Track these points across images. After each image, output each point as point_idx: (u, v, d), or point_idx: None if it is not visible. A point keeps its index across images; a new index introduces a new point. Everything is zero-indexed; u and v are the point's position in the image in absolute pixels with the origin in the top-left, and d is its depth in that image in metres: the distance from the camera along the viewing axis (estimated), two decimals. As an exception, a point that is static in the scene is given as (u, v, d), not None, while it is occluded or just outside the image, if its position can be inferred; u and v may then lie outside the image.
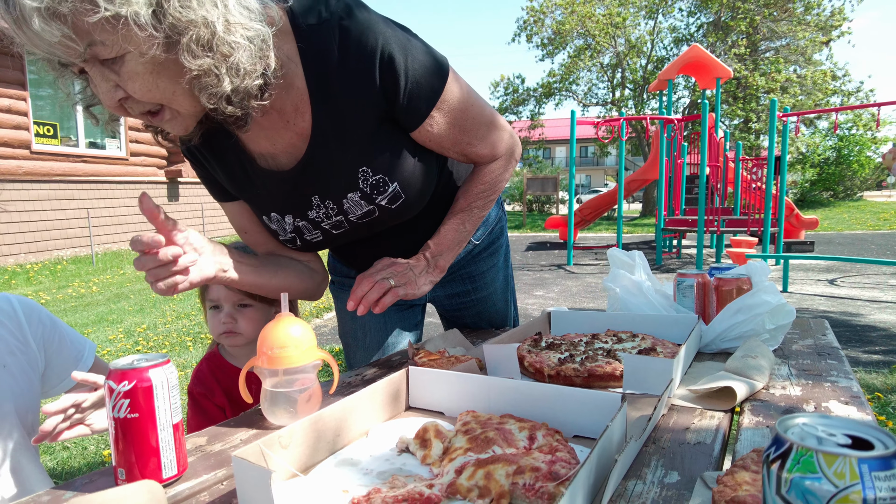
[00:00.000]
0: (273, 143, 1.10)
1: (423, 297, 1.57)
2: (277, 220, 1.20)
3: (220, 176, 1.20)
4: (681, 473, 0.71)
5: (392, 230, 1.28)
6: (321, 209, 1.16)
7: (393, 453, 0.79)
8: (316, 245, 1.26)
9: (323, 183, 1.13)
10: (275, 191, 1.15)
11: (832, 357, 1.18)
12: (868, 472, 0.38)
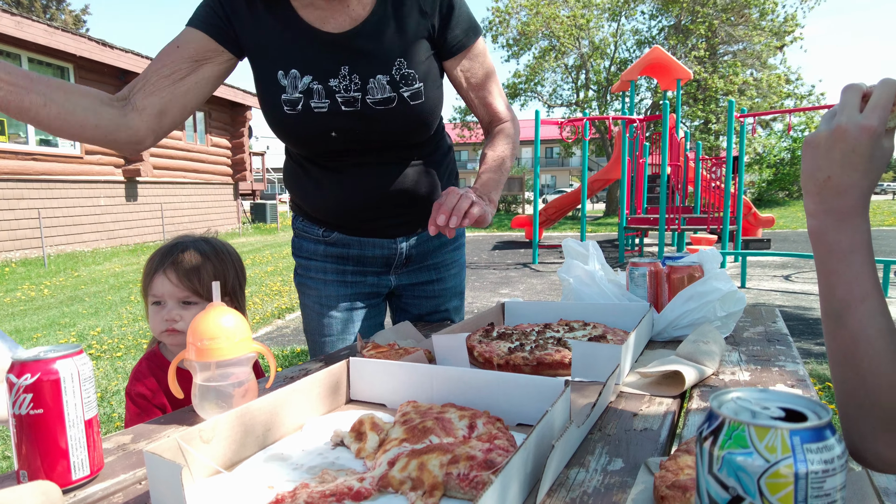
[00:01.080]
0: (324, 21, 1.19)
1: (388, 289, 1.55)
2: (294, 77, 1.19)
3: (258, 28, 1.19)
4: (625, 460, 0.69)
5: (382, 165, 1.29)
6: (345, 80, 1.20)
7: (327, 447, 0.75)
8: (313, 118, 1.20)
9: (359, 57, 1.19)
10: (307, 46, 1.19)
11: (781, 343, 1.19)
12: (800, 445, 0.35)
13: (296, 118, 1.21)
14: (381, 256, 1.46)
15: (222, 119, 16.00)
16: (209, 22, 1.19)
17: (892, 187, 43.86)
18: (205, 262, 1.30)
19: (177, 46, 1.17)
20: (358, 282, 1.48)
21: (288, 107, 1.20)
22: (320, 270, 1.47)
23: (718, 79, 19.36)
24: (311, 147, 1.29)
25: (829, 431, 0.36)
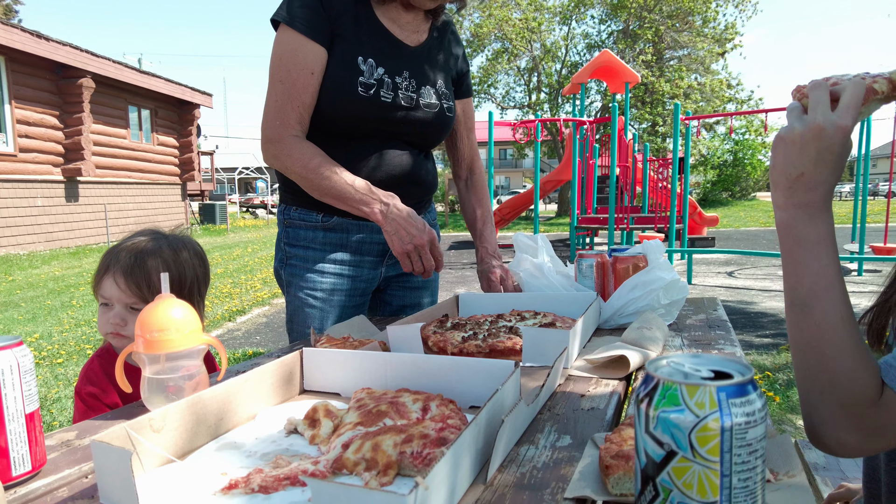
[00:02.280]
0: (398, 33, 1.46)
1: (375, 284, 1.59)
2: (371, 65, 1.38)
3: (345, 18, 1.37)
4: (573, 437, 0.72)
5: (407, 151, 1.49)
6: (406, 80, 1.43)
7: (280, 435, 0.75)
8: (377, 105, 1.39)
9: (417, 68, 1.47)
10: (385, 46, 1.42)
11: (721, 328, 1.25)
12: (725, 400, 0.38)
13: (366, 99, 1.38)
14: (378, 243, 1.51)
15: (169, 117, 15.50)
16: (320, 28, 1.35)
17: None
18: (158, 266, 1.23)
19: (311, 73, 1.35)
20: (354, 276, 1.50)
21: (362, 88, 1.37)
22: (318, 261, 1.47)
23: (665, 82, 20.04)
24: (365, 125, 1.43)
25: (751, 387, 0.40)
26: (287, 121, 1.34)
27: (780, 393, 3.27)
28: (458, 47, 1.63)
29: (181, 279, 1.27)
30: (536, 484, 0.60)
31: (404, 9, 1.45)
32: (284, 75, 1.34)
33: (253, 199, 30.18)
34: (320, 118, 1.40)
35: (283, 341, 4.94)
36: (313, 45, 1.33)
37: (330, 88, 1.36)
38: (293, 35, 1.33)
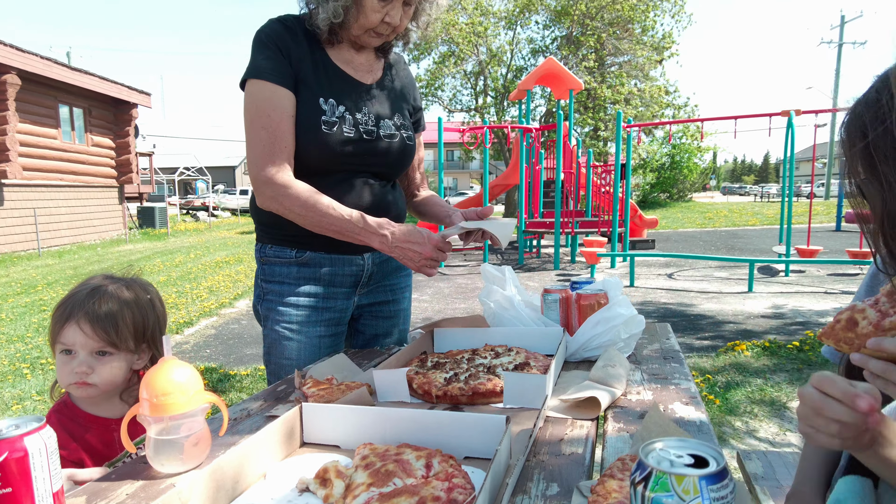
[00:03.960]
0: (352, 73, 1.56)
1: (349, 314, 1.65)
2: (332, 105, 1.48)
3: (304, 64, 1.46)
4: (560, 484, 0.81)
5: (372, 183, 1.57)
6: (365, 116, 1.53)
7: (294, 494, 0.81)
8: (340, 141, 1.48)
9: (375, 104, 1.57)
10: (343, 86, 1.52)
11: (675, 360, 1.38)
12: (706, 486, 0.48)
13: (330, 136, 1.47)
14: (349, 275, 1.58)
15: (104, 117, 14.83)
16: (287, 75, 1.44)
17: (755, 189, 48.98)
18: (123, 310, 1.24)
19: (290, 116, 1.44)
20: (328, 307, 1.56)
21: (325, 126, 1.46)
22: (293, 295, 1.53)
23: (606, 88, 20.73)
24: (333, 160, 1.51)
25: (724, 473, 0.49)
26: (277, 162, 1.41)
27: (719, 396, 3.51)
28: (411, 83, 1.73)
29: (144, 322, 1.27)
30: (535, 536, 0.68)
31: (355, 50, 1.56)
32: (266, 122, 1.40)
33: (193, 200, 29.23)
34: (295, 158, 1.46)
35: (234, 355, 4.87)
36: (285, 91, 1.42)
37: (299, 129, 1.45)
38: (265, 85, 1.41)
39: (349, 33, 1.49)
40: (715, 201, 35.35)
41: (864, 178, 0.77)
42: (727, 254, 10.38)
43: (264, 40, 1.44)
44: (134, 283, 1.33)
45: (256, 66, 1.43)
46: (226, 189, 31.69)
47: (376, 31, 1.46)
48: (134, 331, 1.27)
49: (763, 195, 39.80)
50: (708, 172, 29.71)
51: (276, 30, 1.46)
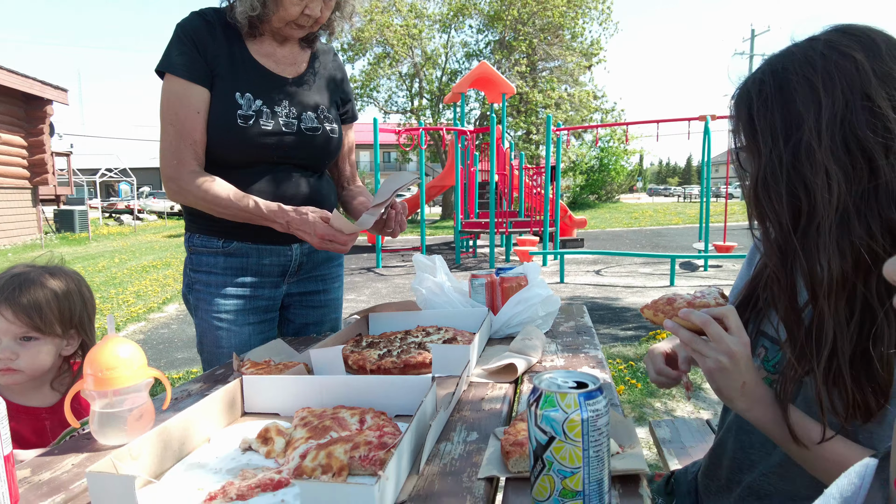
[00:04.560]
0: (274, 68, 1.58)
1: (279, 302, 1.69)
2: (248, 99, 1.50)
3: (220, 59, 1.49)
4: (479, 432, 0.92)
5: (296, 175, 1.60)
6: (286, 109, 1.56)
7: (238, 453, 0.88)
8: (258, 134, 1.51)
9: (296, 98, 1.58)
10: (260, 80, 1.54)
11: (586, 334, 1.53)
12: (584, 401, 0.60)
13: (245, 129, 1.49)
14: (276, 265, 1.62)
15: (14, 114, 13.88)
16: (200, 71, 1.46)
17: (678, 191, 51.60)
18: (46, 294, 1.25)
19: (197, 112, 1.47)
20: (256, 296, 1.60)
21: (241, 120, 1.48)
22: (220, 285, 1.56)
23: (538, 93, 21.35)
24: (252, 153, 1.53)
25: (598, 392, 0.62)
26: (184, 159, 1.46)
27: (641, 380, 3.76)
28: (340, 74, 1.76)
29: (71, 307, 1.29)
30: (456, 471, 0.79)
31: (278, 43, 1.58)
32: (174, 118, 1.46)
33: (116, 203, 27.79)
34: (211, 152, 1.51)
35: (165, 359, 4.76)
36: (196, 87, 1.47)
37: (213, 123, 1.49)
38: (176, 81, 1.46)
39: (270, 26, 1.52)
40: (641, 202, 37.06)
41: (745, 146, 0.92)
42: (651, 251, 10.98)
43: (181, 35, 1.47)
44: (58, 271, 1.33)
45: (170, 61, 1.46)
46: (152, 191, 30.25)
47: (297, 23, 1.50)
48: (60, 315, 1.28)
49: (685, 196, 42.04)
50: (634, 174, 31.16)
51: (194, 24, 1.48)
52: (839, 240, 0.78)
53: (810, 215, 0.81)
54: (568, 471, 0.60)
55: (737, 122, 0.92)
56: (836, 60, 0.81)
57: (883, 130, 0.77)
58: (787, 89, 0.84)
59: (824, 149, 0.79)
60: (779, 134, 0.84)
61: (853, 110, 0.79)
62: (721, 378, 0.83)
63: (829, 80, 0.80)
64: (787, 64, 0.85)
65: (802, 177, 0.81)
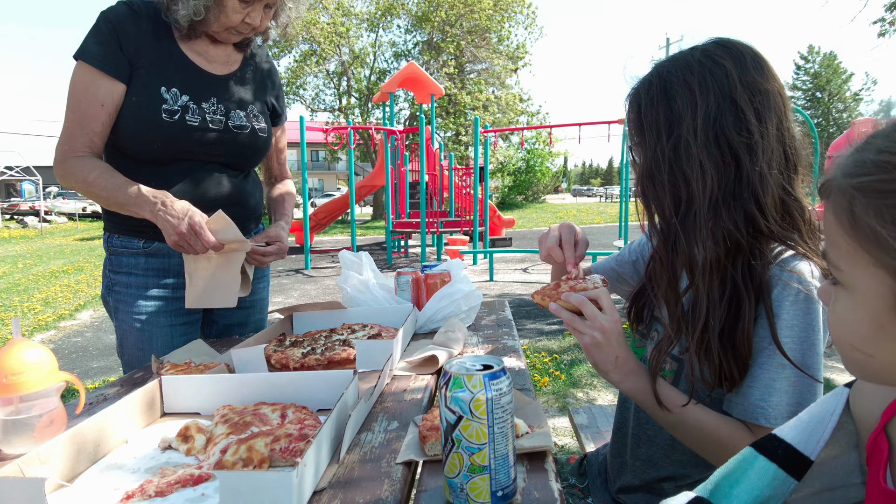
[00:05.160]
0: (205, 65, 1.57)
1: None
2: (174, 94, 1.49)
3: (145, 52, 1.46)
4: (399, 421, 0.96)
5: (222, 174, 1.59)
6: (213, 107, 1.55)
7: (157, 452, 0.87)
8: (183, 129, 1.49)
9: (226, 95, 1.58)
10: (188, 76, 1.52)
11: (506, 327, 1.60)
12: (488, 381, 0.65)
13: (171, 124, 1.47)
14: None
15: None
16: (115, 64, 1.43)
17: (601, 191, 53.70)
18: None
19: (101, 105, 1.43)
20: (179, 297, 1.56)
21: (166, 115, 1.46)
22: (141, 286, 1.53)
23: (466, 95, 21.63)
24: (177, 149, 1.51)
25: (501, 373, 0.67)
26: (74, 145, 1.44)
27: (564, 371, 3.92)
28: (273, 75, 1.77)
29: None
30: (375, 458, 0.83)
31: (212, 43, 1.58)
32: (76, 105, 1.43)
33: (18, 204, 25.77)
34: (132, 146, 1.48)
35: (78, 369, 4.49)
36: (106, 80, 1.43)
37: (135, 117, 1.46)
38: (87, 69, 1.43)
39: (208, 29, 1.52)
40: (566, 202, 38.32)
41: (636, 143, 1.01)
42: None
43: (102, 24, 1.43)
44: None
45: (86, 48, 1.43)
46: (61, 191, 28.24)
47: (237, 29, 1.51)
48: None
49: (607, 196, 43.86)
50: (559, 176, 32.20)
51: (119, 15, 1.45)
52: (712, 227, 0.88)
53: (688, 203, 0.91)
54: (475, 447, 0.65)
55: (629, 120, 1.02)
56: (710, 67, 0.91)
57: (746, 132, 0.88)
58: (669, 90, 0.93)
59: (699, 144, 0.89)
60: (662, 130, 0.94)
61: (723, 112, 0.89)
62: (596, 352, 0.92)
63: (704, 85, 0.90)
64: (671, 68, 0.95)
65: (681, 169, 0.91)
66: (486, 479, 0.65)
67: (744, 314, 0.86)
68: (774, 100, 0.91)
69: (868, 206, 0.47)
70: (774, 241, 0.90)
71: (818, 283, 0.86)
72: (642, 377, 0.94)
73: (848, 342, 0.53)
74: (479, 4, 21.07)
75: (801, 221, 0.92)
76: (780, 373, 0.85)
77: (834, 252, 0.52)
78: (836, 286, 0.54)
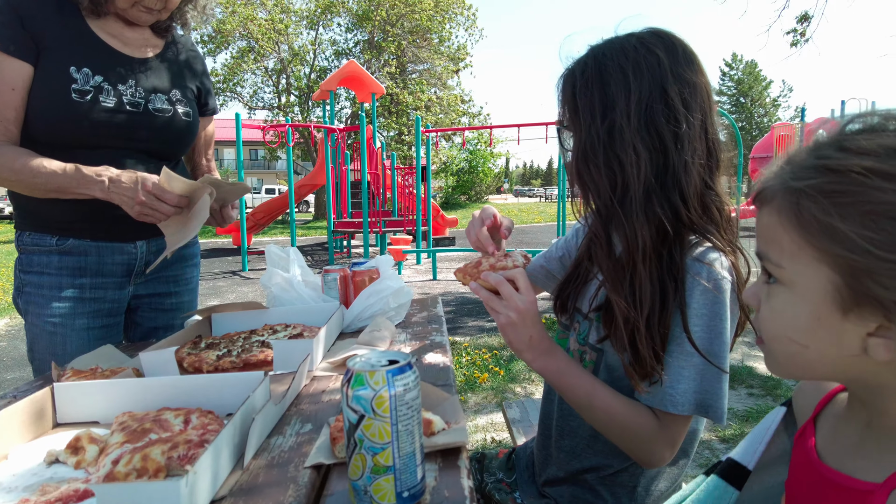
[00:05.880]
0: (121, 46, 1.49)
1: (124, 305, 1.58)
2: (86, 74, 1.39)
3: (51, 31, 1.36)
4: (314, 424, 0.92)
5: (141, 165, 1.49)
6: (130, 89, 1.46)
7: (41, 468, 0.80)
8: (96, 111, 1.40)
9: (144, 79, 1.49)
10: (103, 57, 1.44)
11: (436, 323, 1.58)
12: (391, 377, 0.62)
13: (82, 105, 1.38)
14: (120, 264, 1.51)
15: None
16: (20, 44, 1.34)
17: (540, 192, 54.77)
18: None
19: (12, 89, 1.34)
20: (97, 298, 1.48)
21: (76, 95, 1.37)
22: (54, 287, 1.43)
23: (408, 94, 21.56)
24: (93, 133, 1.41)
25: (408, 367, 0.64)
26: None
27: (503, 367, 3.95)
28: (199, 65, 1.70)
29: None
30: (283, 462, 0.79)
31: (125, 25, 1.50)
32: None
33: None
34: (44, 131, 1.39)
35: (-11, 381, 4.17)
36: (13, 62, 1.35)
37: (43, 99, 1.37)
38: None
39: (115, 6, 1.43)
40: (508, 202, 38.87)
41: (569, 123, 1.01)
42: (515, 248, 11.51)
43: (1, 2, 1.34)
44: None
45: None
46: (-30, 192, 26.28)
47: (145, 5, 1.43)
48: None
49: (547, 196, 44.81)
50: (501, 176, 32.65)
51: None
52: (646, 210, 0.89)
53: (624, 187, 0.92)
54: (378, 447, 0.62)
55: (562, 100, 1.02)
56: (644, 54, 0.92)
57: (674, 121, 0.90)
58: (604, 74, 0.94)
59: (633, 129, 0.90)
60: (597, 112, 0.94)
61: (654, 99, 0.90)
62: (511, 332, 0.92)
63: (638, 71, 0.91)
64: (606, 52, 0.95)
65: (616, 153, 0.92)
66: (391, 480, 0.63)
67: (668, 302, 0.87)
68: (701, 94, 0.93)
69: (816, 205, 0.52)
70: (693, 233, 0.92)
71: (728, 275, 0.88)
72: (556, 358, 0.95)
73: (785, 335, 0.58)
74: (420, 5, 21.06)
75: (718, 216, 0.94)
76: (688, 361, 0.87)
77: (775, 251, 0.57)
78: (772, 285, 0.59)
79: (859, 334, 0.53)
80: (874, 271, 0.50)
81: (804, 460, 0.64)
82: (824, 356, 0.56)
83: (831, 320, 0.54)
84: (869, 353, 0.53)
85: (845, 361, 0.55)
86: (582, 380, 0.94)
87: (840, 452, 0.61)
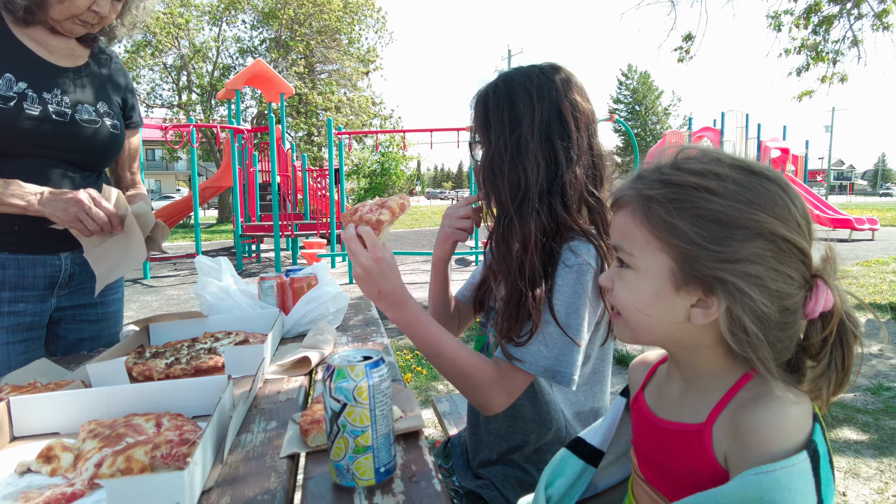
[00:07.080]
0: (46, 54, 1.47)
1: (46, 318, 1.55)
2: (8, 79, 1.37)
3: None
4: (277, 420, 1.00)
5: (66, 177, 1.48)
6: (56, 97, 1.45)
7: (14, 478, 0.82)
8: (20, 118, 1.37)
9: (71, 89, 1.48)
10: (27, 64, 1.42)
11: (374, 325, 1.68)
12: (369, 370, 0.73)
13: (6, 111, 1.36)
14: (42, 276, 1.48)
15: None
16: None
17: (452, 194, 55.66)
18: None
19: None
20: (17, 312, 1.44)
21: (2, 102, 1.36)
22: None
23: (317, 95, 21.23)
24: (12, 140, 1.39)
25: (381, 362, 0.75)
26: None
27: (425, 367, 4.08)
28: (123, 78, 1.69)
29: None
30: (258, 455, 0.86)
31: (51, 33, 1.49)
32: None
33: None
34: None
35: None
36: None
37: None
38: None
39: (48, 16, 1.42)
40: (420, 205, 39.24)
41: (479, 140, 1.15)
42: (431, 250, 11.74)
43: None
44: None
45: None
46: None
47: (81, 18, 1.43)
48: None
49: (458, 199, 45.65)
50: (413, 179, 32.95)
51: None
52: (540, 210, 1.06)
53: (525, 190, 1.08)
54: (359, 430, 0.72)
55: (476, 117, 1.16)
56: (545, 81, 1.11)
57: (567, 138, 1.08)
58: (513, 95, 1.11)
59: (535, 142, 1.08)
60: (506, 127, 1.10)
61: (553, 118, 1.09)
62: (361, 284, 1.03)
63: (541, 94, 1.09)
64: (515, 77, 1.13)
65: (521, 161, 1.08)
66: (370, 458, 0.73)
67: (546, 280, 1.05)
68: (588, 118, 1.13)
69: (662, 208, 0.71)
70: (575, 231, 1.09)
71: (593, 263, 1.05)
72: (405, 308, 1.05)
73: (634, 306, 0.76)
74: (329, 5, 20.82)
75: (599, 220, 1.11)
76: (546, 328, 1.03)
77: (628, 243, 0.76)
78: (624, 269, 0.77)
79: (685, 305, 0.72)
80: (699, 258, 0.69)
81: (642, 418, 0.84)
82: (661, 322, 0.74)
83: (667, 294, 0.72)
84: (691, 319, 0.72)
85: (675, 327, 0.74)
86: (430, 330, 1.05)
87: (668, 407, 0.81)
